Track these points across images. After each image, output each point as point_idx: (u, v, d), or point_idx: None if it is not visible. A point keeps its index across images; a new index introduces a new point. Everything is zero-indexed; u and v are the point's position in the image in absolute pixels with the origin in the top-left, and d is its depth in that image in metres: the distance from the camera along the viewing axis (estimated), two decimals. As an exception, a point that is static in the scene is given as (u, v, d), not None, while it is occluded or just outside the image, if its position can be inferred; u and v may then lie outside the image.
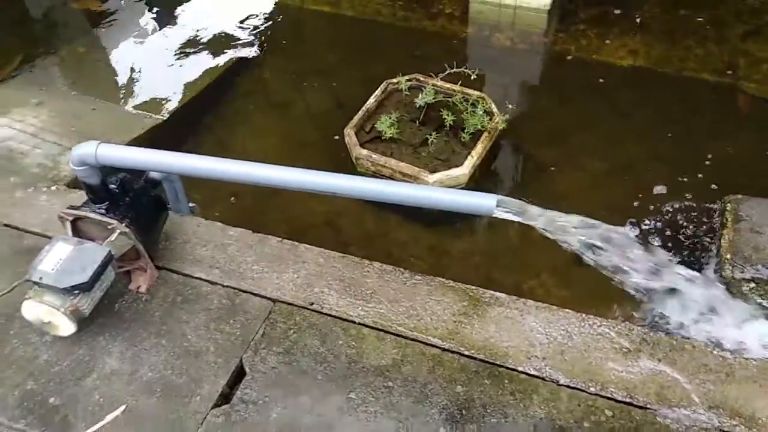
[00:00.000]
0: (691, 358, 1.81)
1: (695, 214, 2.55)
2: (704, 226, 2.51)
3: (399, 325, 1.92)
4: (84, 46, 3.68)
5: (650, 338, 1.86)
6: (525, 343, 1.86)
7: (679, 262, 2.34)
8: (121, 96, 3.31)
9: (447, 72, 2.66)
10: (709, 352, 1.81)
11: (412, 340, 1.89)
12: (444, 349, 1.86)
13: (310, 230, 2.64)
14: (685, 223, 2.51)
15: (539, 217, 1.73)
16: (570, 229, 1.74)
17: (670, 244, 2.45)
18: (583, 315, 1.92)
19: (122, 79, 3.45)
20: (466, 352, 1.85)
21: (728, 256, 2.16)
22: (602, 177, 2.74)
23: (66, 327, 1.83)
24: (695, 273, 2.21)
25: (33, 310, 1.81)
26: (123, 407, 1.75)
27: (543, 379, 1.78)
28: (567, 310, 1.94)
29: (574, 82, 3.17)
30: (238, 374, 1.84)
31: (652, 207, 2.58)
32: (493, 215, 1.69)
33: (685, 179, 2.68)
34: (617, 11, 3.52)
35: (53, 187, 2.44)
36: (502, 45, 3.42)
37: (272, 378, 1.81)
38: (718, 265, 2.23)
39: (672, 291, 2.13)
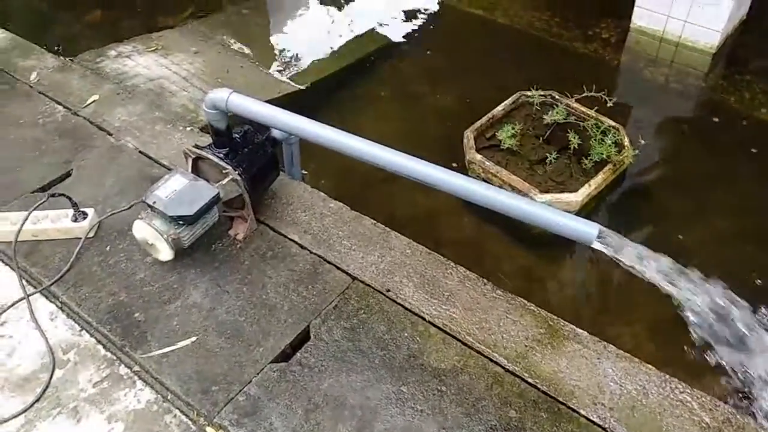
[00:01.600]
0: (779, 455, 1.61)
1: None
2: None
3: (468, 334, 1.88)
4: (249, 9, 3.94)
5: (735, 420, 1.68)
6: (594, 388, 1.75)
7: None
8: (270, 59, 3.51)
9: (584, 95, 2.54)
10: (803, 456, 1.60)
11: (477, 352, 1.84)
12: (507, 370, 1.79)
13: (409, 222, 2.65)
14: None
15: (644, 261, 1.63)
16: (678, 282, 1.61)
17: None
18: (666, 376, 1.77)
19: (275, 44, 3.66)
20: (530, 379, 1.77)
21: None
22: (727, 241, 2.51)
23: (165, 252, 1.98)
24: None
25: (142, 230, 1.97)
26: (194, 338, 1.87)
27: (604, 429, 1.66)
28: (649, 366, 1.80)
29: (723, 135, 2.91)
30: (303, 337, 1.89)
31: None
32: (593, 246, 1.61)
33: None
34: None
35: (189, 128, 2.64)
36: (654, 80, 3.22)
37: (333, 350, 1.84)
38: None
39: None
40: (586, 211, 2.46)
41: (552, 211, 1.67)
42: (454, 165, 2.74)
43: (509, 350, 1.84)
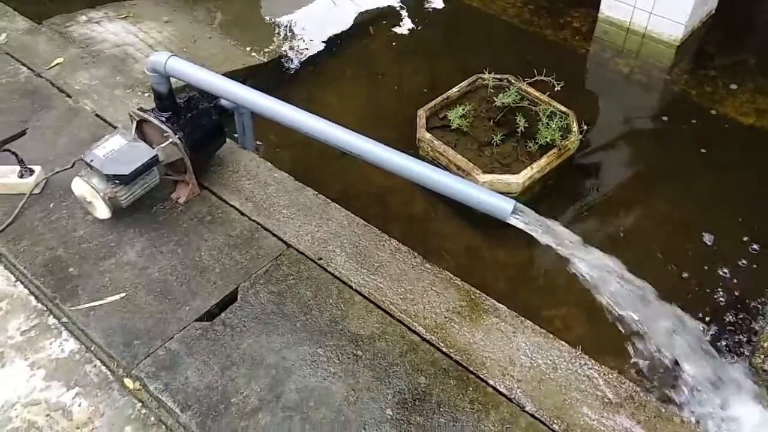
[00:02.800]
0: (674, 431, 1.65)
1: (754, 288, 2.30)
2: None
3: (391, 303, 1.92)
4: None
5: (638, 398, 1.72)
6: (506, 360, 1.80)
7: (714, 336, 2.13)
8: (239, 32, 3.52)
9: (534, 78, 2.57)
10: (696, 433, 1.65)
11: (398, 320, 1.88)
12: (424, 339, 1.84)
13: (360, 197, 2.69)
14: (738, 295, 2.28)
15: (559, 238, 1.67)
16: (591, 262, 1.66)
17: (709, 318, 2.23)
18: (577, 352, 1.82)
19: (246, 17, 3.67)
20: (444, 349, 1.82)
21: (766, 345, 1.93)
22: (669, 231, 2.53)
23: (103, 211, 2.03)
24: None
25: (80, 187, 2.01)
26: (123, 294, 1.92)
27: (509, 399, 1.71)
28: (562, 342, 1.84)
29: (680, 127, 2.93)
30: (231, 299, 1.94)
31: (706, 268, 2.36)
32: (508, 221, 1.64)
33: (756, 248, 2.42)
34: (759, 63, 3.19)
35: (147, 94, 2.67)
36: (618, 71, 3.23)
37: (257, 312, 1.89)
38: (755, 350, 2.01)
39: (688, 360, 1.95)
40: (530, 193, 2.49)
41: (471, 185, 1.70)
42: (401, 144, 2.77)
43: (428, 320, 1.89)
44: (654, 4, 3.06)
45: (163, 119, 2.08)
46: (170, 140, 2.06)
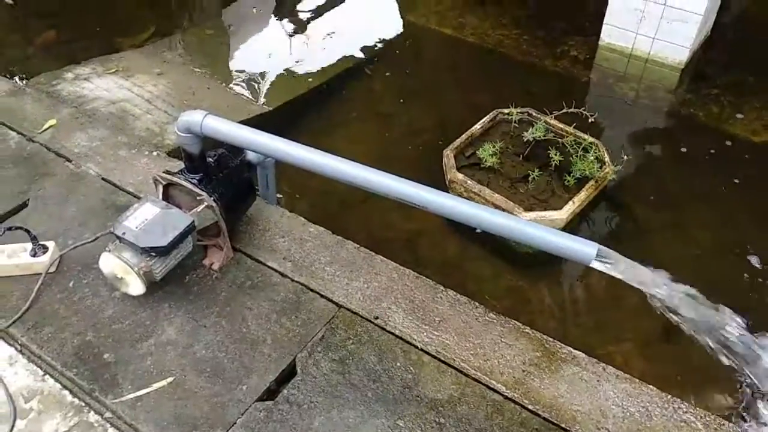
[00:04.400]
0: (788, 474, 1.57)
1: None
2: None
3: (463, 361, 1.80)
4: (212, 29, 3.83)
5: (742, 440, 1.64)
6: (597, 412, 1.69)
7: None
8: (236, 80, 3.40)
9: (563, 111, 2.53)
10: (812, 473, 1.57)
11: (474, 380, 1.76)
12: (506, 397, 1.72)
13: (388, 245, 2.57)
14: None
15: (645, 278, 1.59)
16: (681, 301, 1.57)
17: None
18: (668, 396, 1.72)
19: (240, 64, 3.56)
20: (530, 407, 1.70)
21: None
22: (709, 253, 2.51)
23: (136, 286, 1.84)
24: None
25: (110, 263, 1.83)
26: (171, 379, 1.73)
27: (610, 455, 1.60)
28: (650, 386, 1.75)
29: (696, 149, 2.94)
30: (289, 373, 1.78)
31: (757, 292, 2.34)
32: (591, 265, 1.56)
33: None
34: (758, 81, 3.26)
35: (155, 153, 2.50)
36: (624, 96, 3.24)
37: (322, 384, 1.73)
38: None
39: None
40: (569, 227, 2.42)
41: (549, 231, 1.61)
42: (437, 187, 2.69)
43: (506, 376, 1.77)
44: (658, 29, 3.10)
45: (195, 182, 1.92)
46: (205, 204, 1.90)
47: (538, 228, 1.60)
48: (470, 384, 1.75)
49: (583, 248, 1.55)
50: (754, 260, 2.42)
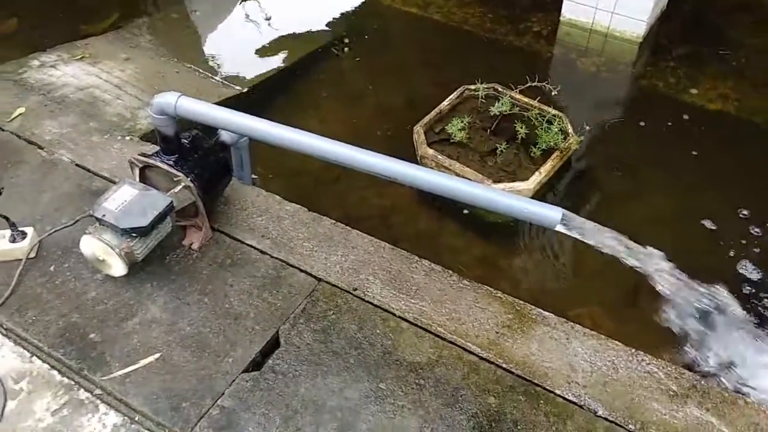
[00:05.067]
0: (742, 414, 1.70)
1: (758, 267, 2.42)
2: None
3: (439, 326, 1.88)
4: (177, 13, 3.80)
5: (700, 386, 1.76)
6: (567, 367, 1.79)
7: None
8: (204, 64, 3.40)
9: (527, 85, 2.61)
10: (763, 411, 1.70)
11: (451, 342, 1.84)
12: (482, 358, 1.81)
13: (363, 221, 2.63)
14: (749, 272, 2.39)
15: (606, 240, 1.68)
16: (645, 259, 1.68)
17: (734, 294, 2.33)
18: (633, 350, 1.84)
19: (207, 48, 3.55)
20: (504, 365, 1.79)
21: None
22: (669, 218, 2.63)
23: (118, 267, 1.88)
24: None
25: (90, 245, 1.85)
26: (158, 355, 1.78)
27: (581, 406, 1.70)
28: (616, 342, 1.86)
29: (655, 118, 3.06)
30: (273, 344, 1.84)
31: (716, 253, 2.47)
32: (556, 229, 1.64)
33: (756, 231, 2.55)
34: (712, 52, 3.39)
35: (127, 137, 2.51)
36: (586, 70, 3.34)
37: (305, 354, 1.80)
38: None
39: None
40: (536, 197, 2.52)
41: (517, 198, 1.69)
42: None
43: (481, 338, 1.86)
44: (615, 5, 3.20)
45: (171, 163, 1.95)
46: (182, 184, 1.94)
47: (505, 195, 1.68)
48: (447, 347, 1.83)
49: (548, 213, 1.64)
50: (708, 223, 2.55)
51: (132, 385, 1.71)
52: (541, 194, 2.54)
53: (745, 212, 2.62)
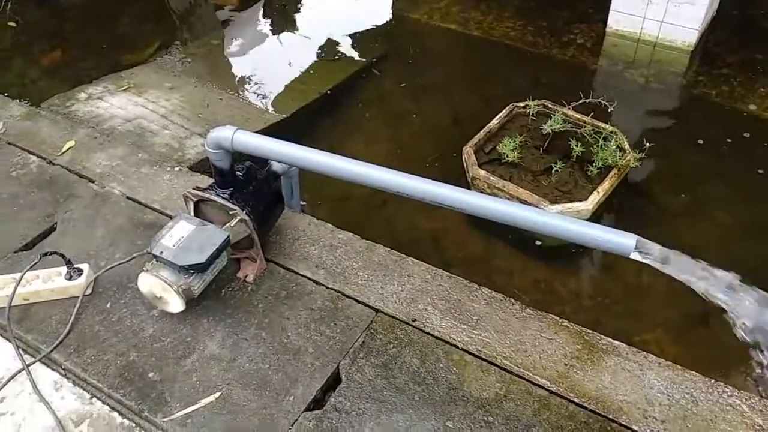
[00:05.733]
0: (837, 450, 1.59)
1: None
2: None
3: (505, 358, 1.81)
4: (217, 39, 3.83)
5: (789, 420, 1.65)
6: (643, 401, 1.70)
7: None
8: (246, 90, 3.41)
9: (581, 101, 2.53)
10: None
11: (518, 376, 1.77)
12: (552, 392, 1.73)
13: (413, 246, 2.58)
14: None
15: (686, 268, 1.59)
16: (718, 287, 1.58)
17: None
18: (712, 381, 1.74)
19: (248, 73, 3.56)
20: (576, 400, 1.71)
21: None
22: (734, 234, 2.52)
23: (176, 304, 1.85)
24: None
25: (148, 282, 1.84)
26: (218, 394, 1.74)
27: (660, 443, 1.61)
28: (693, 372, 1.76)
29: (711, 130, 2.95)
30: (334, 380, 1.79)
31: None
32: (630, 257, 1.57)
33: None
34: (765, 59, 3.27)
35: (177, 168, 2.51)
36: (635, 82, 3.25)
37: (367, 390, 1.74)
38: None
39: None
40: (594, 217, 2.43)
41: (586, 224, 1.61)
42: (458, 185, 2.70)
43: (550, 371, 1.78)
44: (665, 13, 3.11)
45: (226, 196, 1.93)
46: (238, 218, 1.91)
47: (575, 222, 1.60)
48: (514, 381, 1.76)
49: (622, 240, 1.56)
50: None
51: (194, 427, 1.67)
52: (598, 214, 2.45)
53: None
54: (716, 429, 1.64)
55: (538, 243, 2.49)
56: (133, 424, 1.70)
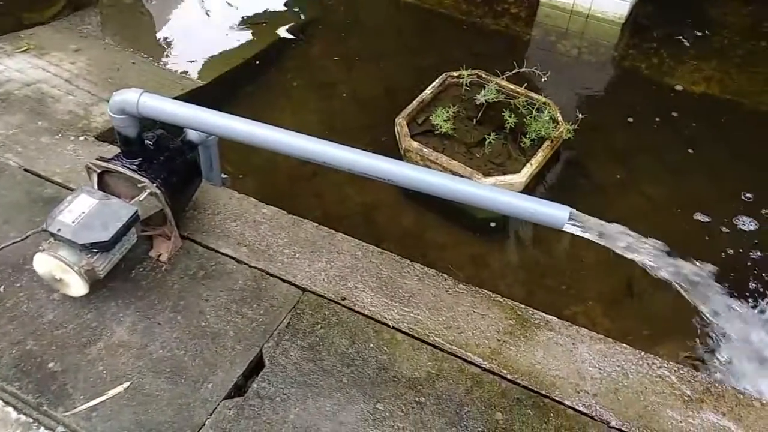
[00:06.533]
0: (759, 416, 1.61)
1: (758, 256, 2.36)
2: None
3: (437, 336, 1.74)
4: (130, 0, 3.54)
5: (715, 389, 1.66)
6: (575, 375, 1.68)
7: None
8: (163, 54, 3.16)
9: (514, 71, 2.47)
10: (782, 415, 1.62)
11: (450, 354, 1.71)
12: (485, 369, 1.68)
13: (344, 221, 2.47)
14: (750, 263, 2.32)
15: (619, 237, 1.56)
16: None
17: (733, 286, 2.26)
18: (642, 353, 1.73)
19: (165, 37, 3.31)
20: (509, 376, 1.66)
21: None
22: (661, 205, 2.55)
23: (78, 287, 1.67)
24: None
25: (45, 263, 1.65)
26: (127, 384, 1.59)
27: (592, 418, 1.59)
28: (624, 345, 1.75)
29: (640, 102, 2.97)
30: (257, 365, 1.67)
31: (707, 239, 2.40)
32: (563, 229, 1.52)
33: (746, 218, 2.48)
34: (694, 33, 3.31)
35: (81, 137, 2.28)
36: (567, 53, 3.22)
37: (293, 374, 1.64)
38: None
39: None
40: (526, 190, 2.39)
41: (520, 196, 1.55)
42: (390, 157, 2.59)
43: (482, 347, 1.73)
44: (597, -16, 3.09)
45: (134, 167, 1.75)
46: (148, 191, 1.74)
47: (508, 194, 1.54)
48: (447, 359, 1.70)
49: (555, 212, 1.51)
50: (700, 214, 2.47)
51: (100, 420, 1.52)
52: (531, 187, 2.41)
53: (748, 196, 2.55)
54: (647, 401, 1.63)
55: (493, 224, 2.43)
56: (31, 420, 1.54)
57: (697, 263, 1.67)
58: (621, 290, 2.29)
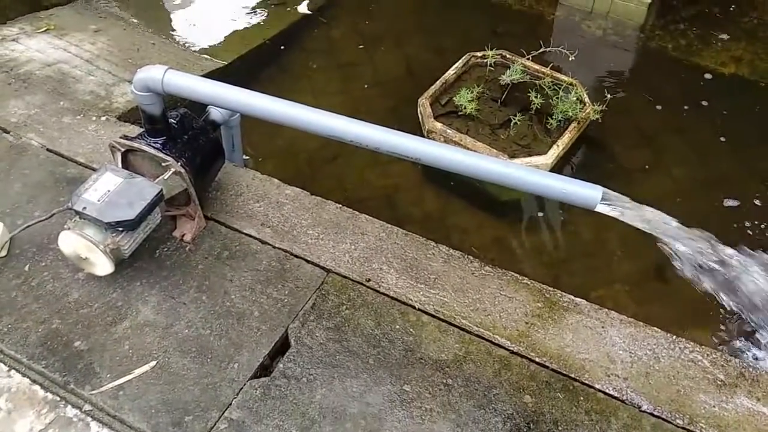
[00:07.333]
0: (795, 403, 1.58)
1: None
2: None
3: (464, 318, 1.72)
4: (149, -21, 3.51)
5: (749, 373, 1.63)
6: (605, 359, 1.65)
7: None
8: (182, 34, 3.14)
9: (540, 51, 2.42)
10: (819, 401, 1.58)
11: (477, 336, 1.68)
12: (513, 352, 1.65)
13: (365, 203, 2.45)
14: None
15: (648, 218, 1.52)
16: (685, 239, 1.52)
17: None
18: (673, 337, 1.70)
19: (186, 18, 3.28)
20: (538, 359, 1.64)
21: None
22: (690, 188, 2.49)
23: (103, 266, 1.67)
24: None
25: (71, 242, 1.64)
26: (153, 363, 1.59)
27: (623, 401, 1.56)
28: (655, 328, 1.71)
29: (667, 83, 2.90)
30: (282, 345, 1.66)
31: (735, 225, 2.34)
32: (596, 209, 1.48)
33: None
34: (722, 14, 3.23)
35: (103, 117, 2.27)
36: (592, 34, 3.15)
37: (319, 354, 1.62)
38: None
39: None
40: (552, 172, 2.35)
41: (550, 176, 1.52)
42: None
43: (510, 330, 1.70)
44: (624, -38, 3.01)
45: (159, 146, 1.73)
46: (172, 170, 1.72)
47: (538, 174, 1.50)
48: (474, 341, 1.67)
49: (587, 192, 1.46)
50: (730, 196, 2.42)
51: (126, 399, 1.52)
52: (557, 169, 2.37)
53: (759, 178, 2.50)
54: (678, 385, 1.60)
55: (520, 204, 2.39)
56: (58, 398, 1.54)
57: (733, 249, 1.64)
58: (649, 274, 2.25)
